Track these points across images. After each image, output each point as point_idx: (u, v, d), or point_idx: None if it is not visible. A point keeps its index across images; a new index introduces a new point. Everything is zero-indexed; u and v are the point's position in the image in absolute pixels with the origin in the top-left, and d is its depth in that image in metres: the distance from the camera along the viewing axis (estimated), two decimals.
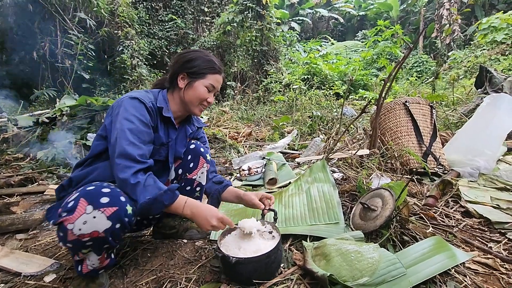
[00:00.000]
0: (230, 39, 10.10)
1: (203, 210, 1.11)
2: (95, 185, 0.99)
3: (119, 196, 0.98)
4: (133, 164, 1.03)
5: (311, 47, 12.48)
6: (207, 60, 1.24)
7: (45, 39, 7.28)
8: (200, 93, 1.22)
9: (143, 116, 1.11)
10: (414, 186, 1.82)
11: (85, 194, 0.94)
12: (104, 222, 0.94)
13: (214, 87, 1.26)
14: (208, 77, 1.23)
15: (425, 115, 2.19)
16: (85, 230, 0.92)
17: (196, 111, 1.27)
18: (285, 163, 2.70)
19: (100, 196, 0.95)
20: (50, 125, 4.50)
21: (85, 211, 0.92)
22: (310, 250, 1.22)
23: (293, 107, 5.51)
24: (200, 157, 1.39)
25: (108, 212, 0.94)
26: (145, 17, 10.56)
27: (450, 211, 1.56)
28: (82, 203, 0.92)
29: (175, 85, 1.25)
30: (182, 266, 1.28)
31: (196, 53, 1.26)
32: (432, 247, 1.18)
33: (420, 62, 10.14)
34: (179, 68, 1.24)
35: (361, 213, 1.43)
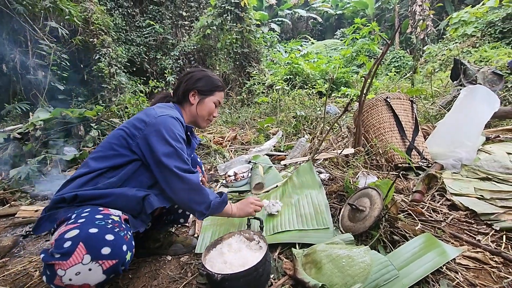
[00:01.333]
0: (210, 43, 10.02)
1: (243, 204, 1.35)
2: (98, 226, 0.88)
3: (121, 246, 0.88)
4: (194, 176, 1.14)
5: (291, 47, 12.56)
6: (214, 79, 1.36)
7: (15, 50, 6.95)
8: (210, 109, 1.34)
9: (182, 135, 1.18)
10: (400, 182, 1.82)
11: (86, 239, 0.83)
12: (99, 276, 0.84)
13: (220, 103, 1.38)
14: (216, 94, 1.35)
15: (406, 110, 2.20)
16: (75, 281, 0.81)
17: (204, 125, 1.39)
18: (271, 166, 2.65)
19: (102, 246, 0.84)
20: (23, 141, 4.27)
21: (81, 261, 0.81)
22: (300, 258, 1.18)
23: (277, 108, 5.49)
24: (197, 166, 1.45)
25: (106, 265, 0.84)
26: (122, 23, 10.30)
27: (437, 205, 1.56)
28: (80, 250, 0.81)
29: (187, 101, 1.33)
30: (167, 286, 1.21)
31: (204, 72, 1.37)
32: (422, 245, 1.16)
33: (398, 58, 10.40)
34: (191, 85, 1.32)
35: (349, 214, 1.40)
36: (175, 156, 1.09)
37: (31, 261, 1.50)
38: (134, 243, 1.42)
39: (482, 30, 8.17)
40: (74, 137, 4.39)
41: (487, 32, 8.03)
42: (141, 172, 1.12)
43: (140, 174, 1.11)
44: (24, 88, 7.32)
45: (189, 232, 1.71)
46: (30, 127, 4.35)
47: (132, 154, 1.09)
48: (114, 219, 0.96)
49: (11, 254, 1.60)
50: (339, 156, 1.97)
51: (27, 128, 4.40)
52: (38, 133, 4.26)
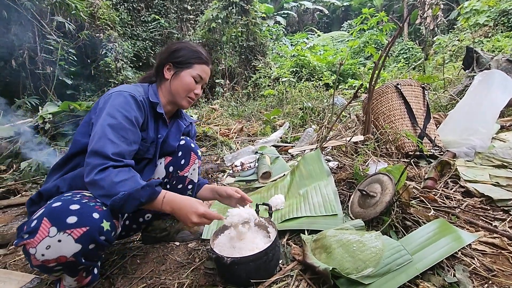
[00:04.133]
0: (215, 36, 9.94)
1: (183, 205, 0.97)
2: (62, 200, 0.86)
3: (90, 213, 0.85)
4: (104, 161, 0.90)
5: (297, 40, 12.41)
6: (193, 50, 1.19)
7: (24, 46, 7.02)
8: (187, 84, 1.17)
9: (130, 112, 1.02)
10: (411, 169, 1.77)
11: (49, 213, 0.82)
12: (72, 246, 0.81)
13: (202, 78, 1.20)
14: (195, 67, 1.18)
15: (417, 97, 2.14)
16: (49, 255, 0.80)
17: (183, 103, 1.21)
18: (278, 156, 2.62)
19: (67, 215, 0.81)
20: (33, 134, 4.33)
21: (48, 234, 0.79)
22: (309, 243, 1.15)
23: (283, 100, 5.44)
24: (192, 153, 1.32)
25: (76, 234, 0.81)
26: (127, 18, 10.31)
27: (450, 192, 1.51)
28: (45, 224, 0.80)
29: (162, 76, 1.20)
30: (175, 271, 1.20)
31: (182, 43, 1.22)
32: (436, 231, 1.12)
33: (406, 49, 10.19)
34: (165, 58, 1.19)
35: (359, 200, 1.37)
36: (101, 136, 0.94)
37: None
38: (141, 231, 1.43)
39: (495, 19, 7.92)
40: None
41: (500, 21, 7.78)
42: None
43: None
44: (34, 84, 7.41)
45: None
46: (40, 120, 4.40)
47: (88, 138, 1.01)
48: (85, 194, 0.92)
49: None
50: (348, 144, 1.93)
51: (36, 122, 4.45)
52: (47, 126, 4.31)
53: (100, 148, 0.92)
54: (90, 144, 0.95)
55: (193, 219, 0.96)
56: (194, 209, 0.97)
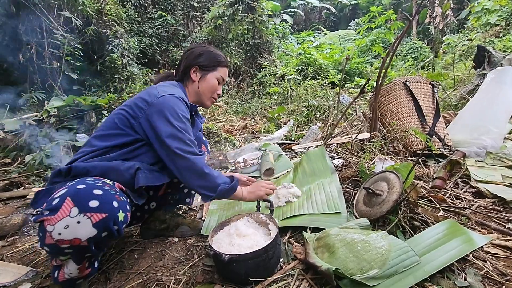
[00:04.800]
0: (221, 34, 9.90)
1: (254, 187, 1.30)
2: (87, 183, 0.87)
3: (111, 201, 0.86)
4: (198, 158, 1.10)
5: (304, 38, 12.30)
6: (216, 54, 1.28)
7: (31, 41, 7.07)
8: (213, 85, 1.26)
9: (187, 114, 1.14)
10: (419, 168, 1.71)
11: (73, 194, 0.82)
12: (89, 229, 0.82)
13: (223, 79, 1.30)
14: (218, 69, 1.27)
15: (426, 95, 2.07)
16: (65, 235, 0.80)
17: (208, 103, 1.30)
18: (282, 154, 2.58)
19: (90, 199, 0.83)
20: (38, 128, 4.36)
21: (69, 214, 0.80)
22: (311, 241, 1.11)
23: (289, 98, 5.38)
24: (203, 145, 1.41)
25: (95, 218, 0.82)
26: (134, 15, 10.31)
27: (460, 192, 1.45)
28: (68, 204, 0.80)
29: (188, 78, 1.26)
30: (172, 267, 1.16)
31: (205, 48, 1.30)
32: (446, 232, 1.07)
33: (415, 49, 10.01)
34: (192, 61, 1.26)
35: (365, 199, 1.31)
36: (177, 138, 1.06)
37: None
38: (141, 224, 1.41)
39: (507, 19, 7.73)
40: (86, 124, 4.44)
41: None
42: (143, 151, 1.11)
43: (141, 153, 1.11)
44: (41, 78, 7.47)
45: (196, 215, 1.67)
46: (45, 114, 4.43)
47: (135, 134, 1.08)
48: (106, 182, 0.95)
49: (20, 232, 1.61)
50: (353, 141, 1.88)
51: (41, 116, 4.48)
52: (52, 120, 4.33)
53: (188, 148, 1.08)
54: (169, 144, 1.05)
55: (263, 184, 1.32)
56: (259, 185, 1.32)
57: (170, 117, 1.05)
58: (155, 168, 1.12)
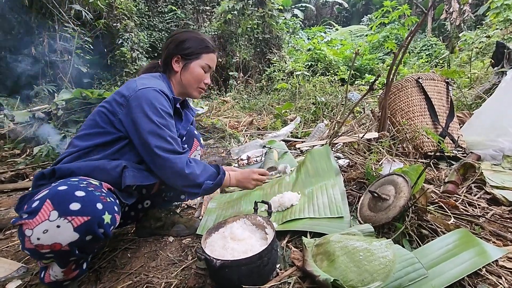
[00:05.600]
0: (231, 28, 9.82)
1: (243, 173, 1.27)
2: (69, 185, 0.82)
3: (95, 203, 0.81)
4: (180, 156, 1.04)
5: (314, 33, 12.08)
6: (200, 40, 1.18)
7: (44, 34, 7.15)
8: (197, 75, 1.17)
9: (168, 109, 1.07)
10: (430, 171, 1.61)
11: (53, 196, 0.78)
12: (70, 233, 0.76)
13: (210, 67, 1.21)
14: (203, 57, 1.18)
15: (440, 93, 1.96)
16: (44, 240, 0.75)
17: (195, 94, 1.22)
18: (286, 152, 2.51)
19: (71, 201, 0.77)
20: (46, 120, 4.40)
21: (48, 217, 0.75)
22: (310, 248, 1.04)
23: (297, 94, 5.28)
24: (194, 139, 1.35)
25: (76, 222, 0.77)
26: (144, 9, 10.32)
27: (473, 198, 1.35)
28: (47, 207, 0.76)
29: (171, 69, 1.18)
30: (165, 268, 1.12)
31: (188, 33, 1.20)
32: (457, 243, 0.98)
33: (429, 45, 9.68)
34: (172, 50, 1.17)
35: (370, 203, 1.24)
36: (157, 135, 1.00)
37: None
38: (136, 221, 1.38)
39: None
40: None
41: None
42: (127, 150, 1.05)
43: (126, 152, 1.05)
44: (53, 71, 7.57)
45: (195, 213, 1.62)
46: (53, 106, 4.46)
47: (117, 131, 1.03)
48: (92, 182, 0.90)
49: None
50: (360, 141, 1.79)
51: (50, 108, 4.52)
52: (60, 112, 4.36)
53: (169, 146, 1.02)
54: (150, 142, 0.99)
55: (254, 176, 1.27)
56: (250, 170, 1.29)
57: (149, 112, 0.99)
58: (142, 166, 1.07)
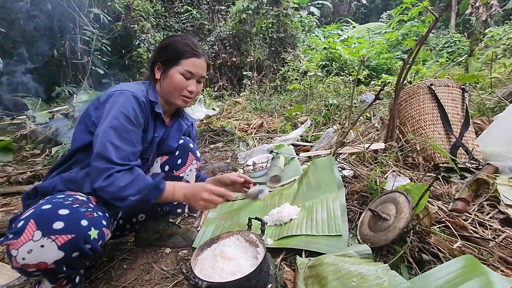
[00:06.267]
0: (246, 28, 9.81)
1: (193, 186, 1.05)
2: (53, 203, 0.83)
3: (79, 221, 0.82)
4: (109, 166, 0.92)
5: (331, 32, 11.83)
6: (180, 45, 1.11)
7: (65, 36, 7.45)
8: (176, 82, 1.10)
9: (132, 112, 1.00)
10: (439, 186, 1.53)
11: (36, 216, 0.79)
12: (54, 252, 0.77)
13: (192, 73, 1.11)
14: (182, 63, 1.10)
15: (455, 100, 1.85)
16: (29, 260, 0.76)
17: (178, 103, 1.15)
18: (293, 158, 2.46)
19: (54, 220, 0.78)
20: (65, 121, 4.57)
21: (32, 237, 0.76)
22: (303, 269, 1.01)
23: (309, 95, 5.19)
24: (189, 153, 1.28)
25: (60, 241, 0.77)
26: (161, 10, 10.50)
27: (485, 218, 1.26)
28: (31, 227, 0.77)
29: (154, 76, 1.16)
30: (157, 283, 1.12)
31: (170, 39, 1.16)
32: (460, 271, 0.91)
33: (452, 42, 9.22)
34: (154, 57, 1.16)
35: (370, 221, 1.18)
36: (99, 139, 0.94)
37: None
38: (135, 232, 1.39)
39: None
40: None
41: None
42: None
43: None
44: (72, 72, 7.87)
45: (194, 223, 1.62)
46: (70, 108, 4.63)
47: (91, 136, 1.01)
48: (78, 198, 0.91)
49: None
50: (365, 151, 1.72)
51: (67, 109, 4.70)
52: (76, 114, 4.51)
53: (104, 152, 0.93)
54: (94, 146, 0.95)
55: (204, 195, 1.00)
56: (202, 187, 1.02)
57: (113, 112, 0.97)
58: None
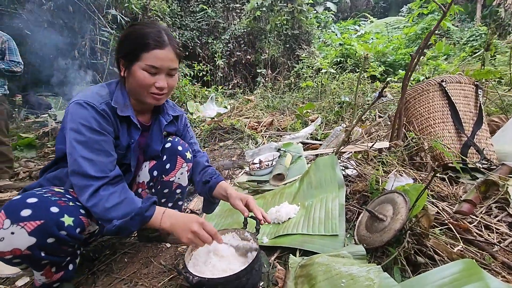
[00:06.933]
0: (260, 25, 9.79)
1: (184, 217, 0.97)
2: (23, 195, 0.87)
3: (48, 207, 0.84)
4: (88, 182, 0.90)
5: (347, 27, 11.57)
6: (139, 36, 0.97)
7: (86, 37, 7.75)
8: (140, 80, 0.98)
9: (93, 122, 0.94)
10: (446, 186, 1.46)
11: (6, 206, 0.82)
12: (25, 238, 0.80)
13: (157, 68, 0.98)
14: (143, 57, 0.96)
15: (467, 97, 1.76)
16: (3, 247, 0.80)
17: (149, 101, 1.04)
18: (301, 156, 2.44)
19: (21, 208, 0.81)
20: None
21: (2, 226, 0.79)
22: (294, 268, 1.01)
23: (322, 93, 5.12)
24: (178, 156, 1.21)
25: (29, 227, 0.80)
26: (177, 9, 10.67)
27: (492, 221, 1.20)
28: (1, 217, 0.80)
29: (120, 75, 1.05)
30: (155, 277, 1.15)
31: (129, 29, 1.03)
32: (457, 276, 0.87)
33: (477, 36, 8.76)
34: (117, 53, 1.04)
35: (367, 222, 1.16)
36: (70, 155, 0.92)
37: None
38: None
39: None
40: None
41: None
42: None
43: None
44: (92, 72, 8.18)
45: None
46: None
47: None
48: (54, 190, 0.93)
49: None
50: (369, 150, 1.68)
51: None
52: None
53: (78, 168, 0.91)
54: (69, 164, 0.93)
55: (194, 227, 0.92)
56: (196, 218, 0.95)
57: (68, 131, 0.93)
58: None
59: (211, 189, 1.24)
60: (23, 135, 4.26)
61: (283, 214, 1.36)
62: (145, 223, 0.93)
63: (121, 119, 1.04)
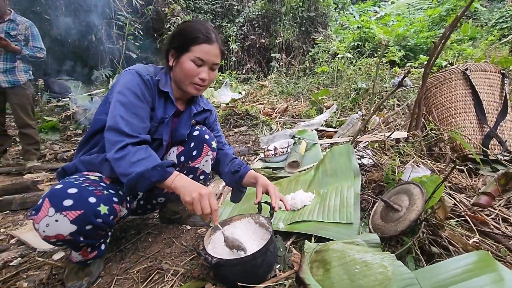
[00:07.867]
0: (275, 7, 9.52)
1: (190, 183, 0.99)
2: (65, 183, 0.95)
3: (86, 198, 0.93)
4: (121, 138, 0.98)
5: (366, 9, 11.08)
6: (190, 31, 1.09)
7: (102, 21, 7.82)
8: (186, 70, 1.09)
9: (137, 88, 1.06)
10: (465, 178, 1.45)
11: (50, 195, 0.91)
12: (68, 226, 0.89)
13: (203, 60, 1.09)
14: (193, 49, 1.08)
15: (492, 86, 1.70)
16: (48, 232, 0.89)
17: (191, 90, 1.14)
18: (315, 143, 2.45)
19: (64, 198, 0.90)
20: None
21: (47, 214, 0.88)
22: (309, 253, 1.05)
23: (338, 78, 5.01)
24: (204, 144, 1.28)
25: (71, 216, 0.89)
26: None
27: (511, 214, 1.19)
28: (46, 204, 0.89)
29: (168, 64, 1.17)
30: (177, 256, 1.23)
31: (182, 25, 1.15)
32: (471, 266, 0.89)
33: (508, 17, 8.19)
34: (167, 45, 1.16)
35: (382, 212, 1.18)
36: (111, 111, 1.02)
37: None
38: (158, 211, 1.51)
39: None
40: None
41: None
42: None
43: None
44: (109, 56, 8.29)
45: None
46: (107, 91, 4.95)
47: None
48: (90, 178, 1.02)
49: None
50: (386, 140, 1.67)
51: (104, 92, 5.02)
52: None
53: (115, 124, 0.99)
54: (107, 121, 1.02)
55: (204, 191, 0.95)
56: (205, 188, 0.98)
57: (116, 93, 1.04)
58: None
59: (241, 178, 1.29)
60: (47, 118, 4.45)
61: (298, 202, 1.39)
62: (163, 179, 0.97)
63: (160, 93, 1.15)
